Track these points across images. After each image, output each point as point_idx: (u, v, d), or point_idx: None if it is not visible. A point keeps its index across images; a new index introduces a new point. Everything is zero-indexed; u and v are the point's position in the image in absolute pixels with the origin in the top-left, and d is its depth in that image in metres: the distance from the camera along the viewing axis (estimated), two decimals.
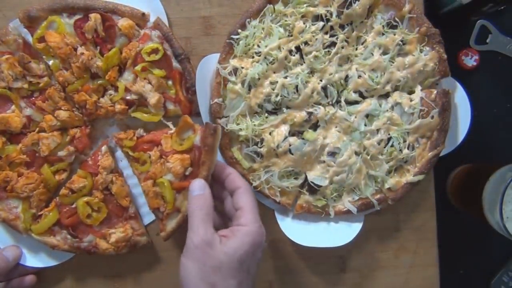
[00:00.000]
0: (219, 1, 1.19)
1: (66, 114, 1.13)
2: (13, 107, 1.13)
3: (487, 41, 1.36)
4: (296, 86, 1.11)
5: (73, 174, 1.15)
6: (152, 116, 1.15)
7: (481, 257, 1.40)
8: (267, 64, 1.10)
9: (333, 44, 1.11)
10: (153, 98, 1.12)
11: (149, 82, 1.13)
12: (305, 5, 1.11)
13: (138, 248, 1.16)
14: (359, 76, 1.12)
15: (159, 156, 1.08)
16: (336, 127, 1.14)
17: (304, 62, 1.12)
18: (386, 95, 1.14)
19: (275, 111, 1.14)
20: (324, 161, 1.13)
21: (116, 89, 1.15)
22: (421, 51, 1.12)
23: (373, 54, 1.12)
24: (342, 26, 1.11)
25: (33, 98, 1.15)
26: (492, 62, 1.38)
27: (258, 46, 1.11)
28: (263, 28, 1.11)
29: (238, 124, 1.12)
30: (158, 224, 1.20)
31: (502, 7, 1.35)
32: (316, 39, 1.10)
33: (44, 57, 1.13)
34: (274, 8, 1.11)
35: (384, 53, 1.12)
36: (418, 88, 1.13)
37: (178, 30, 1.19)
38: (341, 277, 1.23)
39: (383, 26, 1.11)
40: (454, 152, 1.17)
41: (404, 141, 1.13)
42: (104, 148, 1.16)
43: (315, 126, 1.14)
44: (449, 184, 1.37)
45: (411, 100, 1.12)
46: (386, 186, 1.14)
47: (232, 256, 0.86)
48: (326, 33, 1.11)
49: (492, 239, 1.36)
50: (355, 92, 1.13)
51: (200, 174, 1.02)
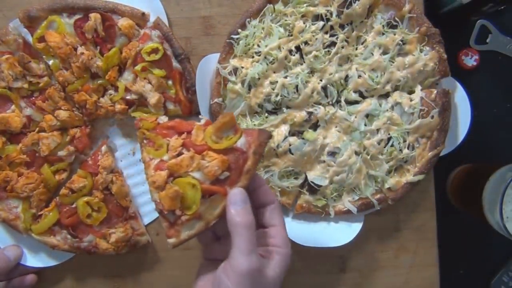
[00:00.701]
0: (219, 1, 1.19)
1: (66, 114, 1.13)
2: (13, 107, 1.13)
3: (487, 41, 1.36)
4: (296, 86, 1.10)
5: (73, 174, 1.15)
6: (152, 116, 1.14)
7: (481, 257, 1.39)
8: (267, 64, 1.10)
9: (333, 44, 1.11)
10: (153, 98, 1.12)
11: (149, 82, 1.13)
12: (305, 4, 1.11)
13: (138, 248, 1.16)
14: (359, 76, 1.12)
15: (180, 145, 0.90)
16: (336, 127, 1.14)
17: (304, 62, 1.12)
18: (386, 95, 1.14)
19: (275, 111, 1.14)
20: (324, 161, 1.13)
21: (116, 89, 1.15)
22: (421, 51, 1.12)
23: (373, 54, 1.12)
24: (342, 26, 1.11)
25: (33, 98, 1.15)
26: (492, 62, 1.38)
27: (258, 46, 1.11)
28: (263, 28, 1.11)
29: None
30: (157, 224, 1.20)
31: (502, 7, 1.35)
32: (316, 39, 1.10)
33: (44, 57, 1.13)
34: (274, 8, 1.11)
35: (384, 53, 1.12)
36: (418, 88, 1.13)
37: (178, 30, 1.19)
38: (341, 277, 1.23)
39: (383, 26, 1.11)
40: (454, 152, 1.17)
41: (404, 141, 1.13)
42: (104, 148, 1.16)
43: (315, 126, 1.14)
44: (449, 184, 1.37)
45: (411, 100, 1.12)
46: (386, 186, 1.14)
47: (277, 283, 0.83)
48: (326, 33, 1.11)
49: (492, 239, 1.36)
50: (355, 92, 1.13)
51: (241, 183, 0.87)
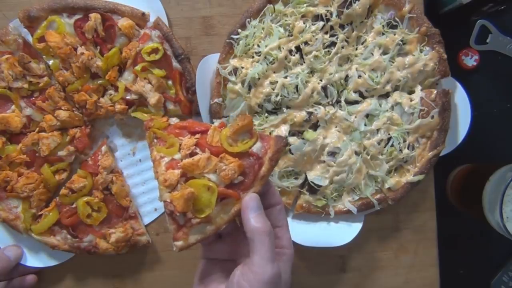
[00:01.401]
0: (219, 1, 1.19)
1: (66, 114, 1.13)
2: (13, 107, 1.13)
3: (487, 41, 1.36)
4: (296, 86, 1.10)
5: (73, 174, 1.15)
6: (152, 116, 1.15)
7: (481, 257, 1.39)
8: (267, 64, 1.10)
9: (333, 44, 1.11)
10: (153, 98, 1.12)
11: (149, 82, 1.13)
12: (305, 5, 1.11)
13: (138, 248, 1.16)
14: (359, 76, 1.12)
15: (193, 144, 0.89)
16: (336, 127, 1.14)
17: (304, 62, 1.12)
18: (386, 95, 1.14)
19: (275, 111, 1.14)
20: (324, 161, 1.13)
21: (116, 89, 1.15)
22: (421, 51, 1.12)
23: (373, 54, 1.12)
24: (342, 26, 1.11)
25: (33, 98, 1.15)
26: (492, 62, 1.38)
27: (258, 46, 1.11)
28: (263, 28, 1.11)
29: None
30: (157, 224, 1.20)
31: (502, 7, 1.35)
32: (316, 39, 1.10)
33: (44, 57, 1.13)
34: (274, 8, 1.11)
35: (384, 53, 1.12)
36: (418, 88, 1.13)
37: (178, 30, 1.19)
38: (341, 277, 1.23)
39: (383, 26, 1.11)
40: (454, 152, 1.17)
41: (404, 141, 1.13)
42: (104, 148, 1.16)
43: (315, 126, 1.14)
44: (449, 184, 1.37)
45: (411, 100, 1.12)
46: (386, 186, 1.14)
47: (289, 283, 0.83)
48: (326, 33, 1.11)
49: (492, 239, 1.36)
50: (355, 92, 1.13)
51: (254, 188, 0.86)
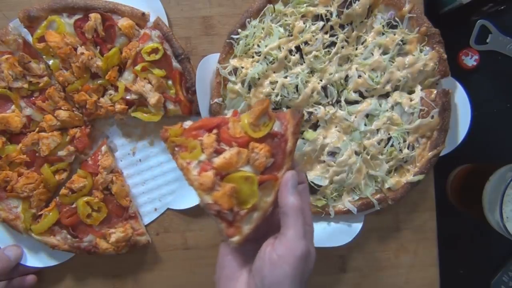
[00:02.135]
0: (219, 1, 1.19)
1: (66, 114, 1.13)
2: (13, 107, 1.13)
3: (487, 41, 1.36)
4: (296, 86, 1.10)
5: (73, 174, 1.15)
6: (152, 116, 1.15)
7: (481, 257, 1.39)
8: (267, 64, 1.10)
9: (333, 44, 1.11)
10: (153, 98, 1.12)
11: (149, 82, 1.13)
12: (305, 4, 1.10)
13: (138, 248, 1.16)
14: (359, 76, 1.12)
15: (214, 140, 0.85)
16: (336, 127, 1.14)
17: (304, 62, 1.12)
18: (386, 95, 1.14)
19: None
20: (324, 161, 1.13)
21: (116, 89, 1.15)
22: (421, 51, 1.12)
23: (373, 54, 1.12)
24: (342, 26, 1.11)
25: (33, 98, 1.15)
26: (492, 62, 1.38)
27: (258, 46, 1.11)
28: (263, 28, 1.11)
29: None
30: (157, 224, 1.20)
31: (502, 7, 1.35)
32: (316, 39, 1.10)
33: (44, 57, 1.13)
34: (274, 8, 1.11)
35: (384, 53, 1.12)
36: (418, 88, 1.13)
37: (178, 30, 1.19)
38: (341, 277, 1.23)
39: (383, 26, 1.11)
40: (454, 152, 1.16)
41: (404, 141, 1.13)
42: (104, 148, 1.16)
43: (315, 126, 1.14)
44: (449, 184, 1.37)
45: (411, 100, 1.12)
46: (386, 186, 1.14)
47: (314, 262, 0.84)
48: (326, 33, 1.11)
49: (492, 239, 1.36)
50: (355, 92, 1.13)
51: (287, 165, 0.84)
